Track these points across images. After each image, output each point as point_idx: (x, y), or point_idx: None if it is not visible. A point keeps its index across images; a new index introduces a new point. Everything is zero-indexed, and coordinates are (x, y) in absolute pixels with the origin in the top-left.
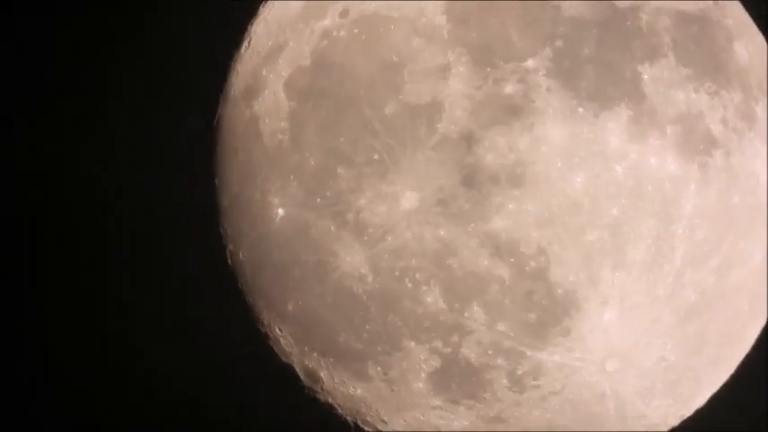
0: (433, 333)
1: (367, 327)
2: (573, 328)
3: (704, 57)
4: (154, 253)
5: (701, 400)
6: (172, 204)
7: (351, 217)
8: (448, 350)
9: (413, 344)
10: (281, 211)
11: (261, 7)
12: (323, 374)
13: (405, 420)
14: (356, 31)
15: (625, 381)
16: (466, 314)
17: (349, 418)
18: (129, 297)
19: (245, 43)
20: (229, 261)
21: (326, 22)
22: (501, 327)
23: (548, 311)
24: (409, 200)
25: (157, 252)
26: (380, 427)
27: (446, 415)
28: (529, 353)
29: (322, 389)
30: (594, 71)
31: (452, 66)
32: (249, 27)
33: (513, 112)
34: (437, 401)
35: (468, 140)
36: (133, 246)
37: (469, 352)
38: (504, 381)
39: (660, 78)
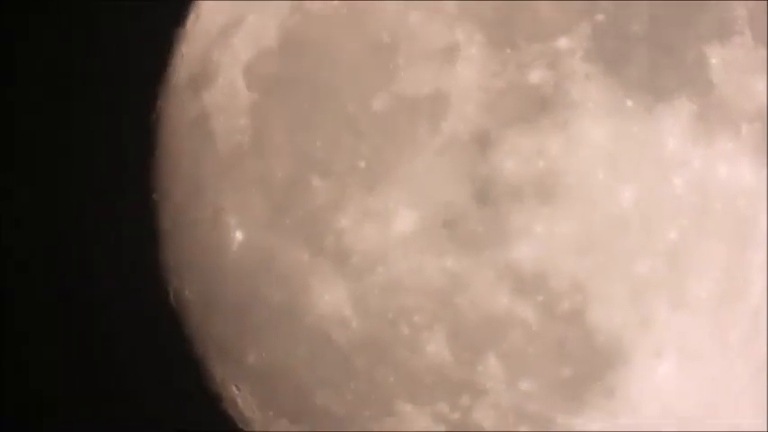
0: (437, 393)
1: (351, 385)
2: (618, 386)
3: None
4: (73, 290)
5: None
6: (97, 227)
7: (330, 242)
8: (455, 415)
9: (410, 407)
10: (239, 235)
11: None
12: None
13: None
14: (336, 2)
15: None
16: (479, 368)
17: None
18: (45, 342)
19: (192, 16)
20: (172, 300)
21: None
22: (524, 385)
23: (585, 365)
24: (405, 220)
25: (78, 289)
26: None
27: None
28: (560, 419)
29: None
30: (647, 53)
31: (462, 47)
32: None
33: (541, 106)
34: None
35: (483, 143)
36: (48, 281)
37: (483, 417)
38: None
39: (733, 62)
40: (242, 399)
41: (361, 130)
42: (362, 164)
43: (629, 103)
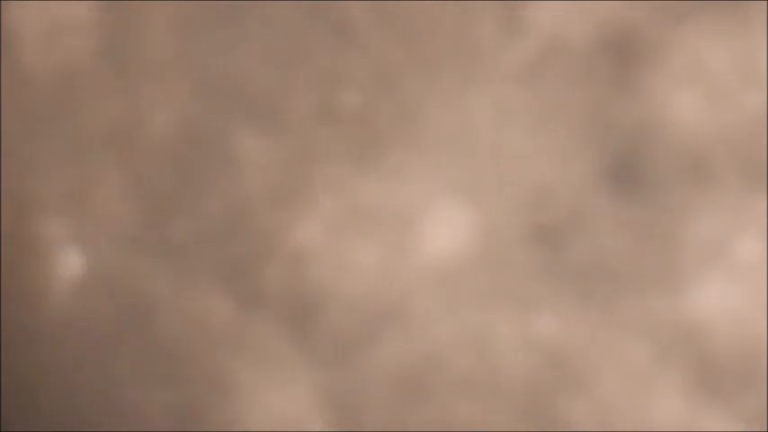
0: None
1: None
2: None
3: None
4: None
5: None
6: None
7: (277, 277)
8: None
9: None
10: (76, 260)
11: None
12: None
13: None
14: None
15: None
16: None
17: None
18: None
19: None
20: None
21: None
22: None
23: None
24: (448, 226)
25: None
26: None
27: None
28: None
29: None
30: None
31: None
32: None
33: None
34: None
35: (624, 56)
36: None
37: None
38: None
39: None
40: None
41: (354, 30)
42: (355, 98)
43: None
